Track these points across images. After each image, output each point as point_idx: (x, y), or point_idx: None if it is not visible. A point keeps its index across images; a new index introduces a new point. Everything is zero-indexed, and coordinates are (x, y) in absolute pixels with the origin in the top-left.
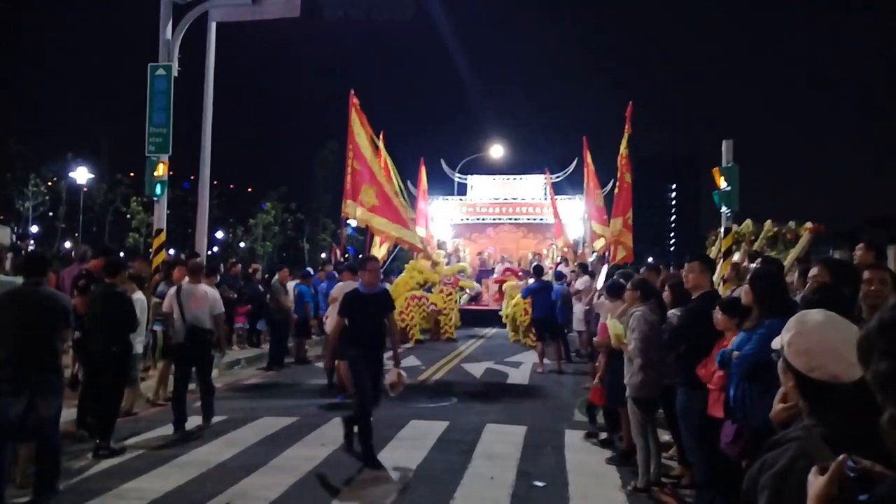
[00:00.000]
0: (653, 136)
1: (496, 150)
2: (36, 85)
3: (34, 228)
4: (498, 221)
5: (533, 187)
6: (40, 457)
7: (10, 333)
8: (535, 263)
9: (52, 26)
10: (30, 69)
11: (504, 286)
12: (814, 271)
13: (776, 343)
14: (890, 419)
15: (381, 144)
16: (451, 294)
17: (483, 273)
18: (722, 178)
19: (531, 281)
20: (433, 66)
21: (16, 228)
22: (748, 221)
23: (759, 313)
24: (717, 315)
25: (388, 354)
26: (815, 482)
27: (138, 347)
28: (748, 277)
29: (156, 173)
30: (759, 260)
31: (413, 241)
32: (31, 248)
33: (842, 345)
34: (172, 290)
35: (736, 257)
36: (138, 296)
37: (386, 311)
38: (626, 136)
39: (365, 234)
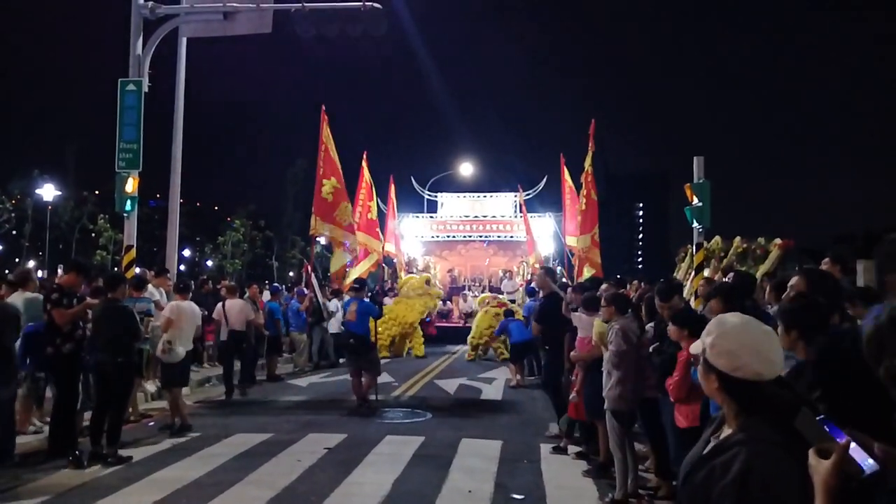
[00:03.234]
0: (621, 154)
1: (466, 168)
2: (1, 99)
3: None
4: (468, 239)
5: (503, 205)
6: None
7: None
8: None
9: (19, 42)
10: None
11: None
12: (794, 281)
13: (696, 347)
14: None
15: (364, 164)
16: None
17: (453, 290)
18: (693, 194)
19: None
20: (403, 84)
21: None
22: (717, 238)
23: None
24: (670, 327)
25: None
26: (820, 467)
27: None
28: (716, 289)
29: (126, 189)
30: (731, 274)
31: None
32: None
33: (762, 344)
34: (219, 304)
35: (706, 273)
36: None
37: None
38: (589, 153)
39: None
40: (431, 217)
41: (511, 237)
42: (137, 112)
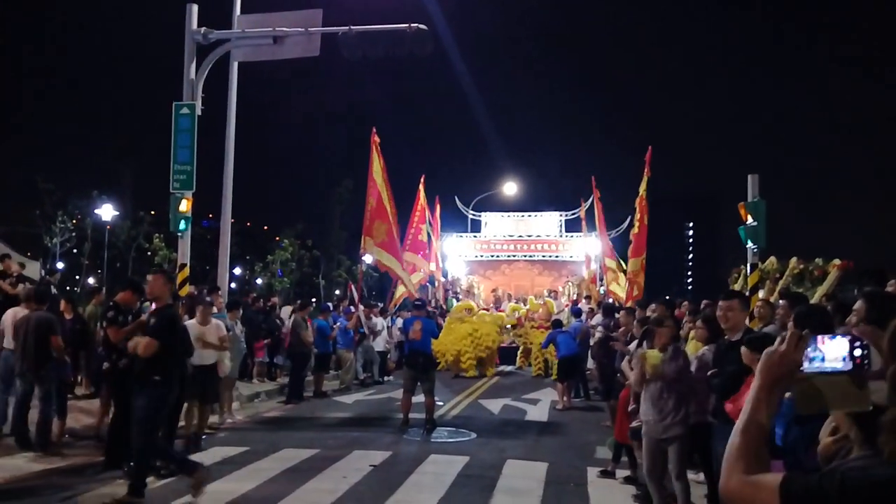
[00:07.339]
0: (669, 175)
1: (510, 188)
2: (62, 122)
3: (60, 265)
4: (512, 258)
5: (547, 224)
6: (41, 418)
7: (23, 342)
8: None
9: (79, 67)
10: (56, 107)
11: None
12: (857, 305)
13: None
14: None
15: (421, 187)
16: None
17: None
18: (748, 213)
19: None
20: (448, 105)
21: (44, 264)
22: (772, 259)
23: None
24: (743, 350)
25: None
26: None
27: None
28: (793, 316)
29: (180, 209)
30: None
31: (408, 285)
32: (56, 282)
33: None
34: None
35: (761, 294)
36: None
37: None
38: (644, 179)
39: (380, 270)
40: (475, 236)
41: (556, 257)
42: (191, 135)
